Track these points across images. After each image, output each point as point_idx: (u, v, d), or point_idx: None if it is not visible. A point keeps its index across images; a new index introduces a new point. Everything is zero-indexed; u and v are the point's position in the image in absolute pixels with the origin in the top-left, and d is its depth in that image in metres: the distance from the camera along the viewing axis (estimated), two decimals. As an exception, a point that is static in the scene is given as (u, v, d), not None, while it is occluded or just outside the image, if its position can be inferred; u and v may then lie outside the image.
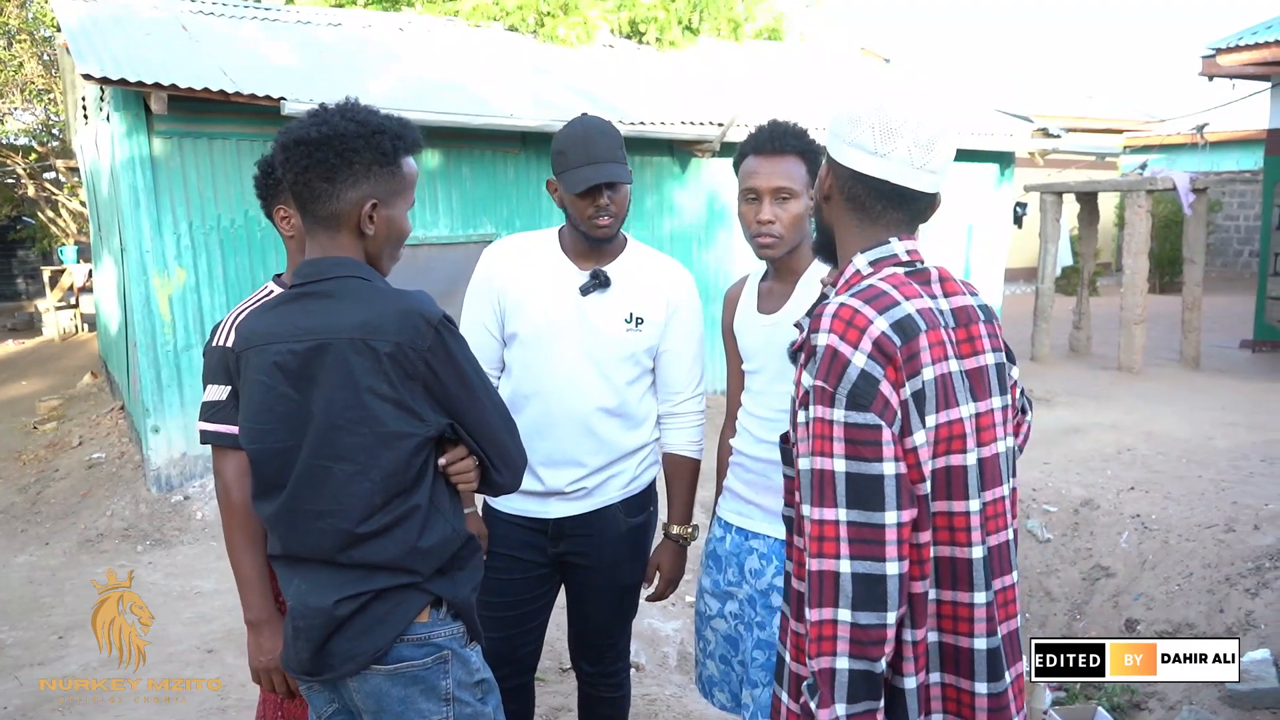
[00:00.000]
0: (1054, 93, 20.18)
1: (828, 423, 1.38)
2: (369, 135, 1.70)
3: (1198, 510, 5.22)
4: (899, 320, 1.42)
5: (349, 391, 1.65)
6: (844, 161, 1.53)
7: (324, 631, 1.72)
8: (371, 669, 1.72)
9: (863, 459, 1.37)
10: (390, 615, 1.71)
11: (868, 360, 1.38)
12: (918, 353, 1.42)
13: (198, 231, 6.30)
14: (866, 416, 1.37)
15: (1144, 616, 4.55)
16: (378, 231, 1.75)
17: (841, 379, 1.38)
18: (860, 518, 1.37)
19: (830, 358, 1.39)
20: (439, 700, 1.74)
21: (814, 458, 1.40)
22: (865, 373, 1.38)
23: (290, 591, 1.79)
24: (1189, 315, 10.53)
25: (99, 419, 8.32)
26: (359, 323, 1.65)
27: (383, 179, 1.73)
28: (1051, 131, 9.74)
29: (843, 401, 1.37)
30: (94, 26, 6.78)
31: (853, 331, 1.40)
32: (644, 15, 10.00)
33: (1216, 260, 18.24)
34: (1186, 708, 3.76)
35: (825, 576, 1.38)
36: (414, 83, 7.40)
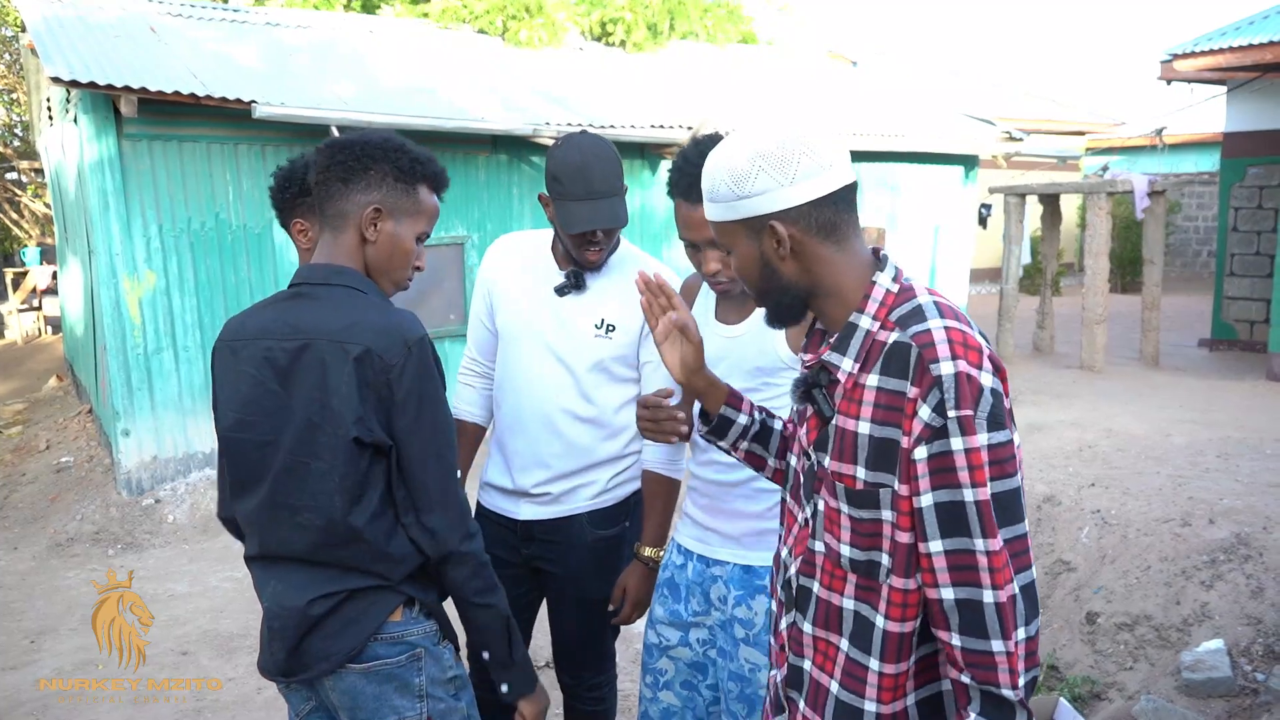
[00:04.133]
0: (1017, 96, 20.46)
1: (978, 450, 1.33)
2: (391, 150, 1.80)
3: (1155, 505, 5.34)
4: (979, 330, 1.43)
5: (322, 391, 1.70)
6: (803, 199, 1.40)
7: (298, 631, 1.76)
8: (346, 667, 1.75)
9: (1006, 476, 1.35)
10: (363, 615, 1.75)
11: (993, 379, 1.36)
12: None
13: (168, 234, 6.28)
14: (1004, 434, 1.35)
15: (1104, 609, 4.66)
16: (380, 242, 1.80)
17: (979, 404, 1.33)
18: (1011, 533, 1.36)
19: (965, 384, 1.34)
20: (413, 697, 1.78)
21: (968, 490, 1.34)
22: (995, 391, 1.35)
23: (266, 593, 1.83)
24: (1149, 315, 10.75)
25: (66, 422, 8.25)
26: (340, 326, 1.70)
27: (395, 193, 1.79)
28: (1015, 135, 9.91)
29: (984, 425, 1.33)
30: (60, 28, 6.74)
31: (973, 354, 1.36)
32: (613, 16, 10.05)
33: (1176, 261, 18.58)
34: (1145, 697, 3.86)
35: (1007, 605, 1.35)
36: (384, 86, 7.41)
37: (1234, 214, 11.73)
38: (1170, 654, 4.23)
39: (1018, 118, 14.69)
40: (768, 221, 1.41)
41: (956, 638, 1.37)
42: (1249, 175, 11.56)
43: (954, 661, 1.39)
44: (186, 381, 6.42)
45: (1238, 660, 3.98)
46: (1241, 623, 4.20)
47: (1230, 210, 11.75)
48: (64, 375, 10.47)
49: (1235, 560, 4.56)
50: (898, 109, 10.39)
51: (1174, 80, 11.60)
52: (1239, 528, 4.81)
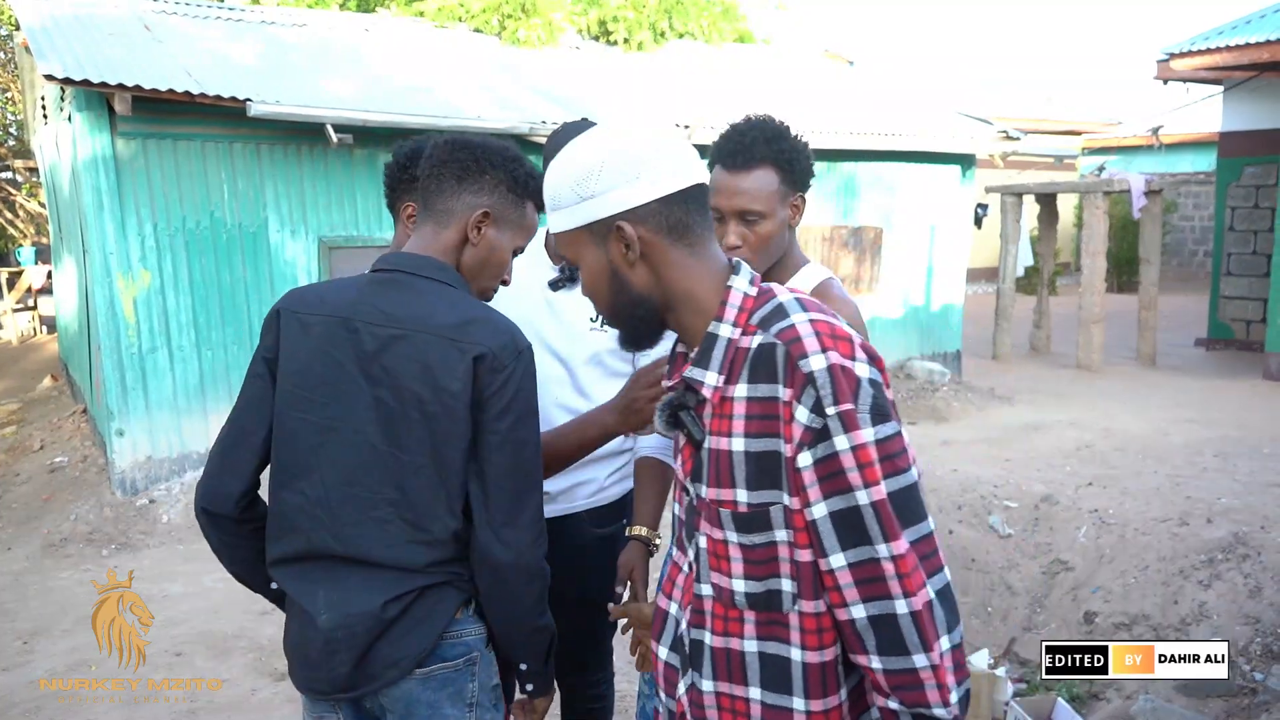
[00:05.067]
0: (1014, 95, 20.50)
1: (865, 447, 1.23)
2: (509, 159, 1.80)
3: (1153, 505, 5.35)
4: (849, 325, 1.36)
5: (425, 385, 1.63)
6: (650, 197, 1.31)
7: (369, 638, 1.66)
8: (414, 673, 1.68)
9: (899, 471, 1.25)
10: (432, 613, 1.68)
11: (870, 368, 1.27)
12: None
13: (162, 233, 6.25)
14: (891, 426, 1.25)
15: (1102, 609, 4.66)
16: (480, 246, 1.78)
17: (858, 396, 1.24)
18: (916, 533, 1.25)
19: (840, 377, 1.24)
20: (463, 706, 1.72)
21: (861, 492, 1.23)
22: (874, 382, 1.26)
23: (319, 604, 1.70)
24: (1145, 314, 10.76)
25: (60, 422, 8.22)
26: (451, 323, 1.65)
27: (505, 202, 1.79)
28: (1012, 134, 9.90)
29: (868, 419, 1.23)
30: (55, 26, 6.71)
31: (844, 344, 1.27)
32: (612, 15, 10.04)
33: (1172, 260, 18.60)
34: (1143, 697, 3.86)
35: (923, 613, 1.24)
36: (380, 84, 7.39)
37: (1230, 213, 11.74)
38: (1168, 654, 4.21)
39: (1014, 117, 14.71)
40: (614, 223, 1.32)
41: (876, 659, 1.26)
42: (1245, 174, 11.57)
43: (878, 686, 1.28)
44: (181, 381, 6.40)
45: (1236, 660, 3.97)
46: (1239, 622, 4.20)
47: (1227, 210, 11.77)
48: (59, 375, 10.43)
49: (1233, 560, 4.56)
50: (894, 108, 10.39)
51: (1170, 80, 11.62)
52: (1237, 527, 4.82)
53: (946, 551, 4.69)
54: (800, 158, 2.01)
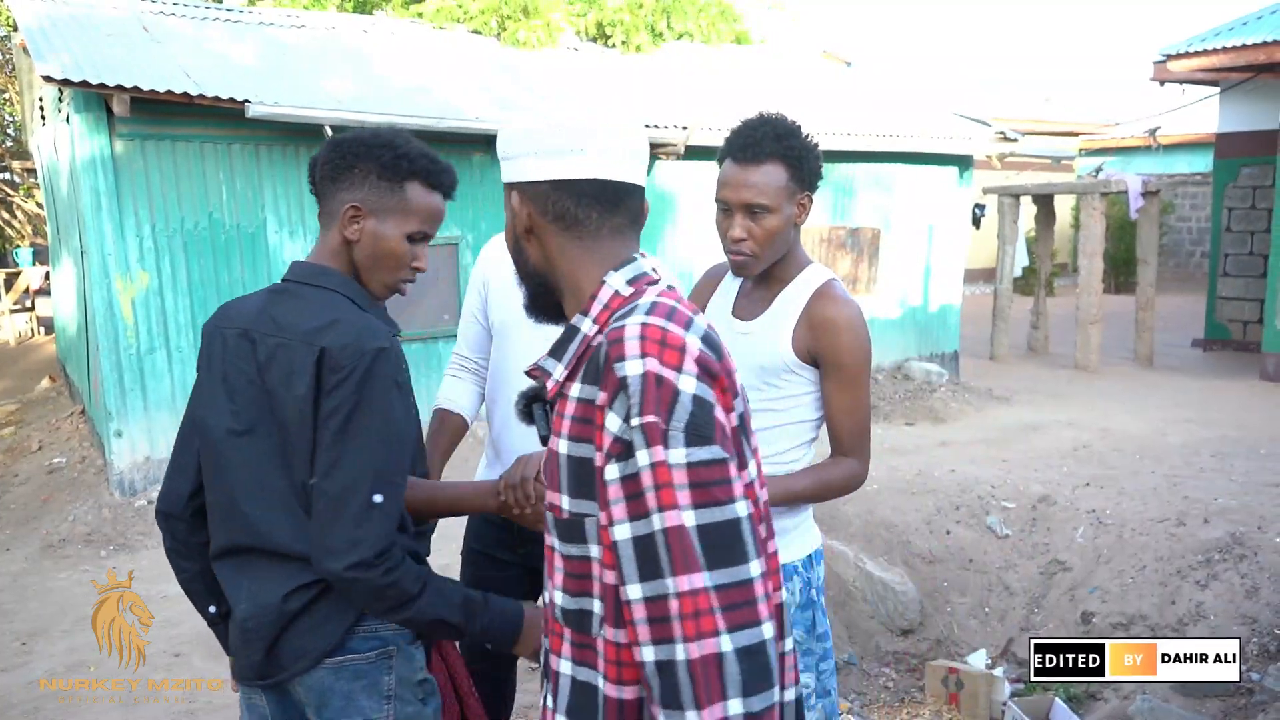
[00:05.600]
0: (1011, 96, 20.52)
1: (668, 467, 1.10)
2: (377, 147, 1.77)
3: (1151, 505, 5.36)
4: (705, 335, 1.21)
5: (288, 389, 1.69)
6: (538, 176, 1.28)
7: (275, 628, 1.73)
8: (323, 663, 1.72)
9: (716, 503, 1.11)
10: (340, 607, 1.72)
11: (698, 383, 1.14)
12: (733, 371, 1.23)
13: (161, 234, 6.26)
14: (711, 450, 1.12)
15: (1099, 609, 4.67)
16: (361, 242, 1.78)
17: (673, 411, 1.12)
18: (727, 577, 1.10)
19: (655, 386, 1.12)
20: (380, 698, 1.74)
21: (656, 516, 1.11)
22: (698, 398, 1.14)
23: (241, 595, 1.78)
24: (1143, 315, 10.79)
25: (58, 423, 8.21)
26: (313, 327, 1.69)
27: (377, 191, 1.76)
28: (1009, 135, 9.92)
29: (679, 438, 1.11)
30: (53, 27, 6.71)
31: (671, 353, 1.15)
32: (610, 18, 10.05)
33: (1169, 261, 18.63)
34: (1140, 697, 3.87)
35: (709, 664, 1.08)
36: (378, 85, 7.39)
37: (1227, 214, 11.77)
38: (1166, 654, 4.22)
39: (1011, 118, 14.73)
40: (511, 190, 1.34)
41: (661, 713, 1.10)
42: (1242, 175, 11.60)
43: None
44: (180, 382, 6.39)
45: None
46: (1237, 622, 4.21)
47: (1224, 210, 11.80)
48: (57, 376, 10.43)
49: (1230, 560, 4.57)
50: (892, 109, 10.40)
51: (1167, 81, 11.65)
52: (1234, 527, 4.83)
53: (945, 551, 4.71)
54: (809, 157, 2.05)
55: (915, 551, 5.32)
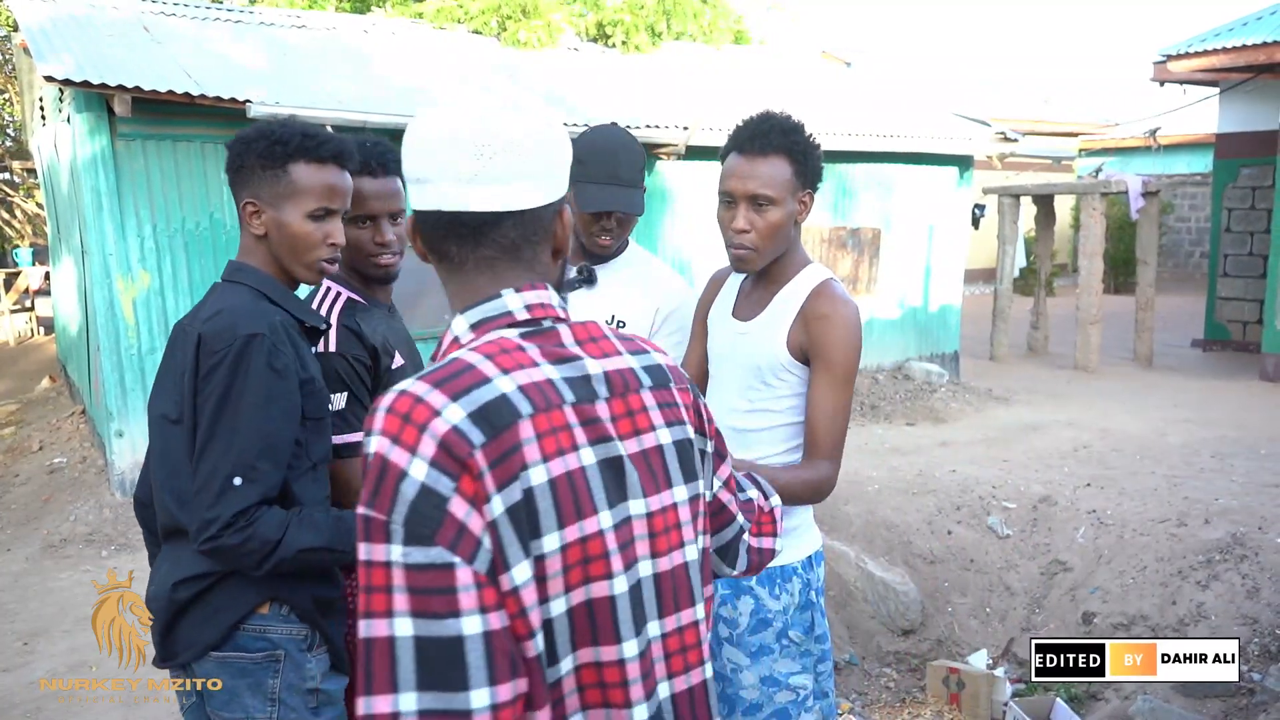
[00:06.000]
0: (1010, 96, 20.51)
1: (382, 567, 0.95)
2: (255, 140, 1.79)
3: (1151, 505, 5.36)
4: (485, 405, 1.01)
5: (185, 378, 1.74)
6: (411, 205, 1.17)
7: (165, 615, 1.77)
8: (208, 654, 1.76)
9: (434, 615, 0.94)
10: (229, 605, 1.74)
11: (430, 469, 0.97)
12: (516, 449, 1.01)
13: (162, 234, 6.25)
14: (431, 552, 0.95)
15: (1100, 609, 4.67)
16: (270, 235, 1.82)
17: (395, 502, 0.96)
18: (435, 703, 0.93)
19: (380, 472, 0.98)
20: (264, 699, 1.76)
21: (363, 622, 0.96)
22: (426, 488, 0.96)
23: (153, 577, 1.84)
24: (1143, 315, 10.79)
25: (59, 423, 8.21)
26: (205, 317, 1.75)
27: (263, 180, 1.80)
28: (1010, 135, 9.92)
29: (398, 533, 0.95)
30: (54, 27, 6.71)
31: (410, 430, 0.98)
32: (611, 19, 10.05)
33: (1168, 261, 18.65)
34: (1141, 697, 3.87)
35: None
36: (380, 86, 7.39)
37: (1227, 215, 11.77)
38: (1167, 654, 4.23)
39: (1010, 118, 14.74)
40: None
41: None
42: (1242, 176, 11.60)
43: None
44: (181, 382, 6.39)
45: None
46: (1238, 623, 4.22)
47: (1223, 211, 11.80)
48: (57, 376, 10.42)
49: (1231, 560, 4.57)
50: (892, 109, 10.41)
51: (1167, 81, 11.65)
52: (1235, 528, 4.83)
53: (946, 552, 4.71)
54: (813, 155, 2.07)
55: (916, 552, 5.32)
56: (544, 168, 1.14)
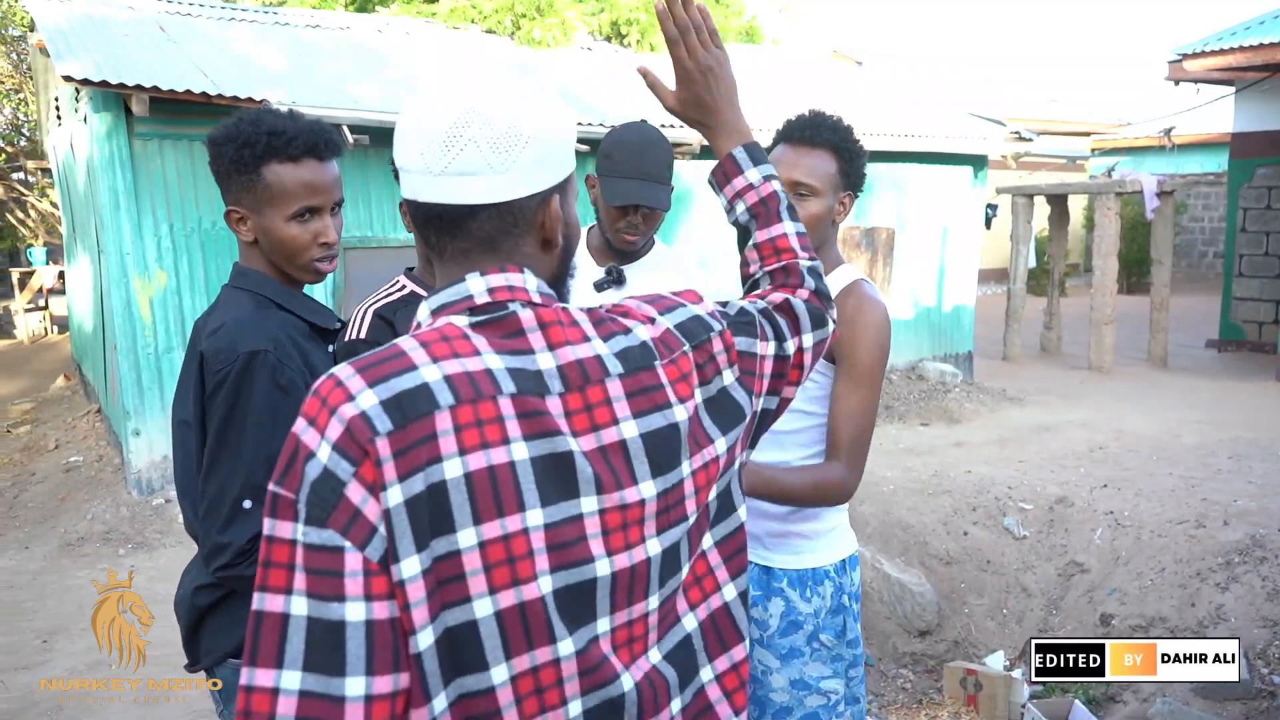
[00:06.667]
0: (1022, 96, 20.45)
1: (285, 543, 0.96)
2: (224, 145, 1.71)
3: (1169, 507, 5.34)
4: (400, 394, 0.99)
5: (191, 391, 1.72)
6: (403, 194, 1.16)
7: (189, 619, 1.77)
8: (228, 661, 1.75)
9: (319, 596, 0.95)
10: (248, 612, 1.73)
11: (333, 452, 0.97)
12: (427, 439, 0.98)
13: (179, 233, 6.28)
14: (324, 534, 0.95)
15: (1118, 611, 4.66)
16: (260, 239, 1.77)
17: (301, 481, 0.97)
18: (315, 685, 0.94)
19: (291, 451, 0.99)
20: None
21: (257, 595, 0.97)
22: (327, 470, 0.96)
23: (181, 580, 1.86)
24: (1157, 315, 10.74)
25: (74, 422, 8.25)
26: (208, 331, 1.71)
27: (242, 185, 1.72)
28: (1025, 135, 9.90)
29: (303, 513, 0.97)
30: (72, 27, 6.74)
31: (323, 413, 0.99)
32: (625, 17, 10.06)
33: (1182, 261, 18.57)
34: (1160, 700, 3.86)
35: None
36: (396, 85, 7.41)
37: (1242, 214, 11.72)
38: (1186, 656, 4.21)
39: (1023, 118, 14.69)
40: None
41: None
42: (1257, 175, 11.54)
43: None
44: (197, 381, 6.42)
45: (1254, 663, 3.97)
46: (1258, 625, 4.20)
47: (1239, 211, 11.74)
48: (71, 374, 10.47)
49: (1250, 562, 4.55)
50: (905, 109, 10.39)
51: (1182, 80, 11.59)
52: (1253, 529, 4.81)
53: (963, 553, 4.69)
54: (859, 157, 2.07)
55: (932, 552, 5.31)
56: (526, 159, 1.09)
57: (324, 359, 1.81)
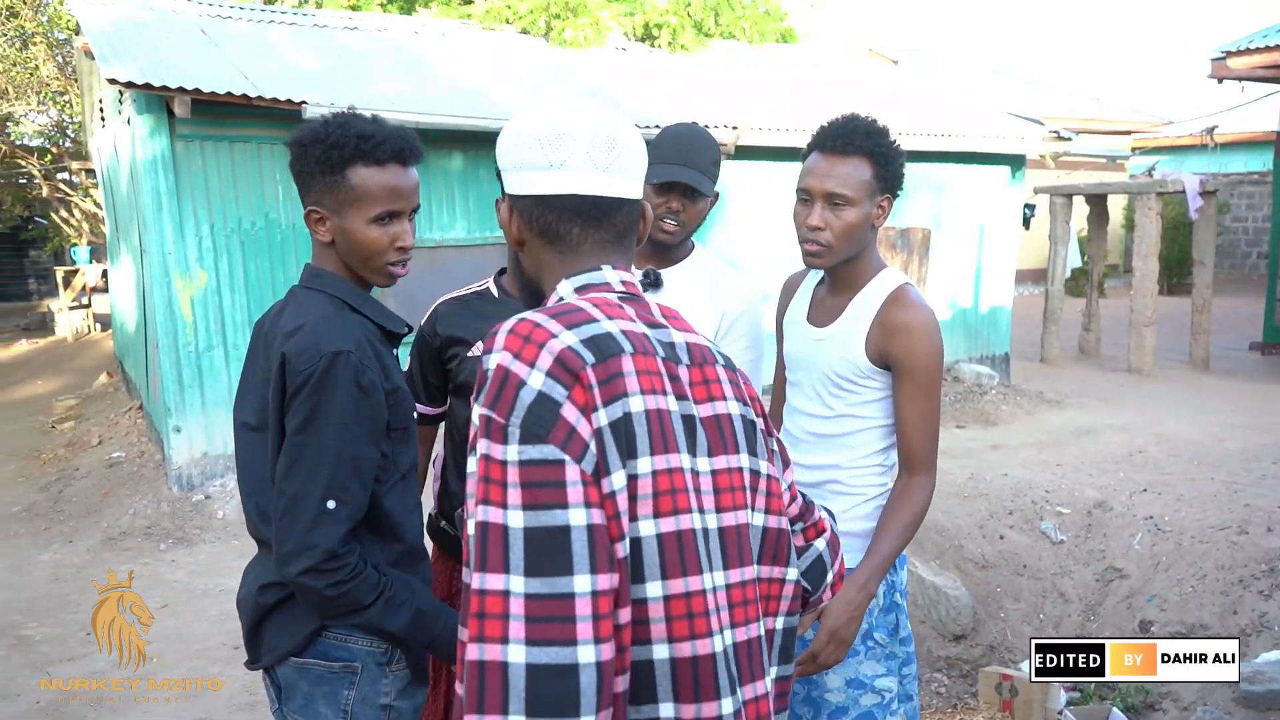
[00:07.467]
0: (1062, 95, 20.21)
1: (499, 463, 1.07)
2: (310, 145, 1.74)
3: (1210, 512, 5.26)
4: (594, 336, 1.15)
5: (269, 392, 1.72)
6: (522, 191, 1.28)
7: (253, 617, 1.78)
8: (289, 660, 1.75)
9: (541, 506, 1.05)
10: (309, 613, 1.73)
11: (546, 378, 1.09)
12: (619, 375, 1.14)
13: (219, 234, 6.37)
14: (544, 449, 1.07)
15: (1158, 618, 4.59)
16: (336, 241, 1.78)
17: (514, 406, 1.08)
18: (541, 587, 1.03)
19: (501, 381, 1.10)
20: (337, 709, 1.74)
21: (480, 508, 1.07)
22: (543, 394, 1.08)
23: (243, 579, 1.87)
24: (1199, 317, 10.57)
25: (117, 418, 8.39)
26: (287, 330, 1.71)
27: (325, 187, 1.74)
28: (1063, 134, 9.78)
29: (515, 434, 1.07)
30: (116, 31, 6.86)
31: (530, 348, 1.11)
32: (658, 19, 10.06)
33: (1224, 262, 18.27)
34: (1201, 708, 3.80)
35: (491, 670, 1.02)
36: (431, 86, 7.46)
37: (1287, 215, 11.50)
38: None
39: (1061, 117, 14.52)
40: (500, 201, 1.35)
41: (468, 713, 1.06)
42: (1303, 175, 11.32)
43: None
44: (236, 379, 6.48)
45: (1299, 672, 3.90)
46: (1302, 634, 4.12)
47: (1284, 211, 11.53)
48: (114, 372, 10.65)
49: (1295, 570, 4.47)
50: (941, 108, 10.30)
51: (1225, 78, 11.40)
52: (1299, 536, 4.72)
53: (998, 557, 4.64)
54: (895, 160, 2.06)
55: (968, 556, 5.27)
56: (643, 165, 1.30)
57: (395, 363, 1.82)
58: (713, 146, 2.30)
